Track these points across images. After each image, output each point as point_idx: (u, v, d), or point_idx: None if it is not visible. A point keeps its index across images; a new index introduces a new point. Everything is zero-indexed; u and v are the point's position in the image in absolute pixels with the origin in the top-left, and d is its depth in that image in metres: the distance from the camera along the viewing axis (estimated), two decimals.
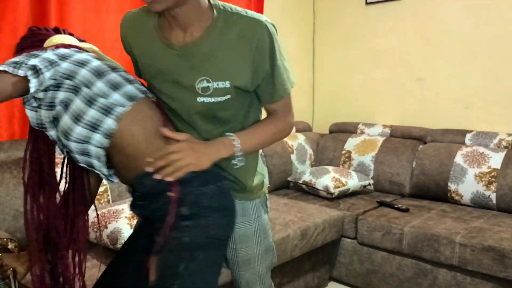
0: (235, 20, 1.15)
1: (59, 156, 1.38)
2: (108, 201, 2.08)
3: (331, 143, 3.28)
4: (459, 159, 2.68)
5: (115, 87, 1.15)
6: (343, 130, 3.35)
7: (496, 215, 2.47)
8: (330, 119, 3.54)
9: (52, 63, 1.12)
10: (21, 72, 1.08)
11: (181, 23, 1.16)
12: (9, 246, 1.49)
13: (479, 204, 2.60)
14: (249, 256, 1.38)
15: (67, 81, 1.12)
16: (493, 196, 2.53)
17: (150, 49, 1.23)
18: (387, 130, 3.14)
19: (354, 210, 2.59)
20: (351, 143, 3.18)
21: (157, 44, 1.21)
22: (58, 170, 1.35)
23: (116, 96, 1.13)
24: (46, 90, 1.13)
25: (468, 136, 2.80)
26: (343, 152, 3.17)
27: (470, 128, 2.91)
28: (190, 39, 1.17)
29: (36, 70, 1.11)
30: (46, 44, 1.27)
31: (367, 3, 3.35)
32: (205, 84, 1.17)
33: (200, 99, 1.19)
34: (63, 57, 1.15)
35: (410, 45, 3.18)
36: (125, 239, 1.71)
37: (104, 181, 1.98)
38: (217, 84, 1.17)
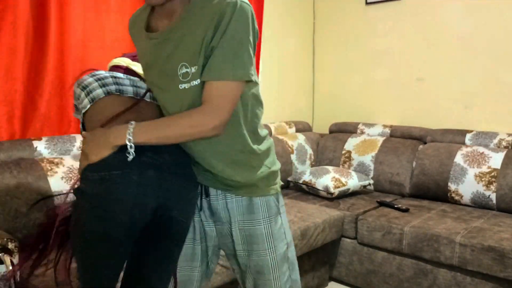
0: (209, 2, 1.12)
1: None
2: None
3: (331, 143, 3.28)
4: (459, 159, 2.68)
5: (88, 93, 1.30)
6: (343, 130, 3.35)
7: (496, 215, 2.47)
8: (330, 119, 3.54)
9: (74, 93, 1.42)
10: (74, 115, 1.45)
11: (167, 12, 1.18)
12: (9, 246, 1.49)
13: (479, 204, 2.60)
14: (262, 262, 1.29)
15: None
16: (493, 196, 2.53)
17: (141, 43, 1.27)
18: (387, 130, 3.14)
19: (354, 210, 2.59)
20: (351, 143, 3.18)
21: (144, 37, 1.24)
22: None
23: (85, 100, 1.30)
24: None
25: (468, 136, 2.79)
26: (343, 152, 3.17)
27: (470, 128, 2.91)
28: (168, 26, 1.19)
29: (76, 107, 1.41)
30: (108, 65, 1.58)
31: (367, 3, 3.35)
32: (184, 70, 1.15)
33: (181, 86, 1.16)
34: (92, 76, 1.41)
35: (410, 45, 3.18)
36: None
37: None
38: (194, 69, 1.14)
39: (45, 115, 2.18)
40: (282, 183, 1.38)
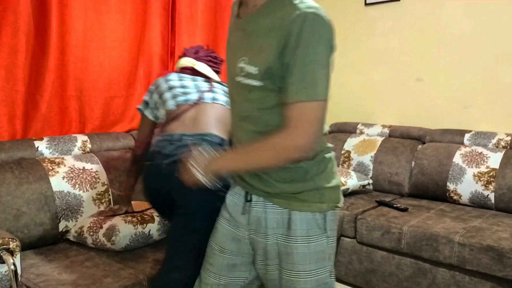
0: (284, 4, 1.08)
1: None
2: (109, 201, 2.09)
3: (331, 143, 3.28)
4: (458, 159, 2.69)
5: (163, 102, 1.84)
6: (343, 130, 3.36)
7: (495, 214, 2.48)
8: (330, 119, 3.54)
9: (150, 92, 1.92)
10: (139, 107, 1.94)
11: (248, 2, 1.18)
12: (11, 246, 1.50)
13: (478, 203, 2.61)
14: (295, 285, 1.18)
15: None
16: (492, 196, 2.54)
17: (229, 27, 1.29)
18: (386, 130, 3.16)
19: (354, 209, 2.60)
20: (350, 143, 3.19)
21: (231, 20, 1.28)
22: None
23: (162, 111, 1.85)
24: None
25: (467, 136, 2.81)
26: (343, 152, 3.18)
27: (469, 128, 2.92)
28: (245, 17, 1.18)
29: (146, 103, 1.91)
30: (176, 65, 2.02)
31: (366, 4, 3.35)
32: (242, 64, 1.13)
33: (237, 79, 1.15)
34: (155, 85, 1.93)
35: (409, 45, 3.18)
36: (121, 232, 1.76)
37: (106, 181, 2.06)
38: (249, 68, 1.12)
39: (46, 115, 2.19)
40: (339, 206, 1.24)
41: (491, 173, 2.55)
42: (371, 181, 2.95)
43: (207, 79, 1.93)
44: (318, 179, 1.19)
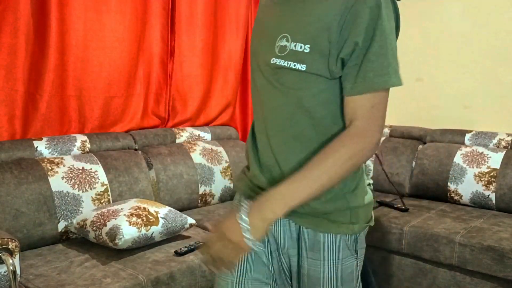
0: None
1: None
2: (109, 201, 2.08)
3: None
4: (458, 159, 2.68)
5: None
6: None
7: (496, 215, 2.48)
8: None
9: None
10: None
11: None
12: (10, 246, 1.50)
13: (479, 204, 2.61)
14: None
15: None
16: (493, 196, 2.54)
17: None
18: (387, 130, 3.15)
19: None
20: None
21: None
22: None
23: None
24: None
25: (468, 136, 2.80)
26: None
27: (469, 128, 2.92)
28: None
29: None
30: None
31: None
32: (283, 42, 0.96)
33: (273, 60, 0.98)
34: None
35: (409, 45, 3.18)
36: (124, 235, 1.73)
37: (105, 181, 2.05)
38: (295, 46, 0.95)
39: (46, 115, 2.19)
40: (371, 224, 1.10)
41: (492, 173, 2.55)
42: (371, 181, 2.93)
43: None
44: (350, 196, 1.03)
